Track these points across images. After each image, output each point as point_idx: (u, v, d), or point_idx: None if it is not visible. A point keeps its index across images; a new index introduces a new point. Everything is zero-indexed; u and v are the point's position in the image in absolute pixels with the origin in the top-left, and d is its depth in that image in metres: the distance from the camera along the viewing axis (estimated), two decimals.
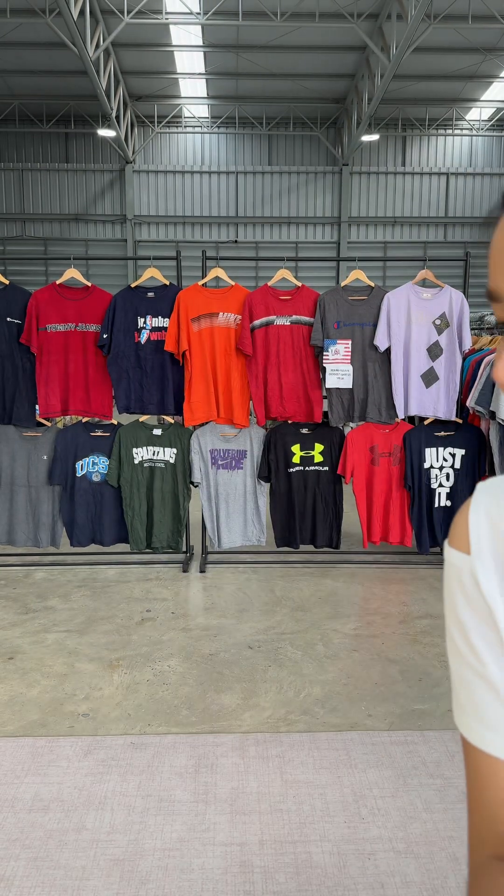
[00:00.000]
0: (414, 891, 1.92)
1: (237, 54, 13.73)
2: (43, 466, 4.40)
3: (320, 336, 4.25)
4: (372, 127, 17.32)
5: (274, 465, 4.43)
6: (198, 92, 16.17)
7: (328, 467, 4.45)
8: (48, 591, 4.27)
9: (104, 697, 2.99)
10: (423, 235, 18.37)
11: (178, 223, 18.14)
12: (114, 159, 18.01)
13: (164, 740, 2.65)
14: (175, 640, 3.56)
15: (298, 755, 2.56)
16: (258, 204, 18.08)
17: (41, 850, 2.08)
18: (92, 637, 3.60)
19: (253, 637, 3.61)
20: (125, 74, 15.11)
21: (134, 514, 4.40)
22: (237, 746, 2.61)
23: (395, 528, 4.47)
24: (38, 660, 3.35)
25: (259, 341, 4.29)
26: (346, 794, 2.34)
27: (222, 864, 2.02)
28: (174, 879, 1.96)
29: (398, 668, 3.27)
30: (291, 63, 14.29)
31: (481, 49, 13.45)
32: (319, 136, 17.74)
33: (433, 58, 13.85)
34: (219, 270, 4.47)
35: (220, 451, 4.43)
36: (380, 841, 2.12)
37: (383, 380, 4.35)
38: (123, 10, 11.54)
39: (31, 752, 2.58)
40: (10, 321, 4.31)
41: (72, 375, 4.34)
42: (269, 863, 2.03)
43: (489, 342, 5.70)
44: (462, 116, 17.67)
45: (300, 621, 3.82)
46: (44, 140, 17.93)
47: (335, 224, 18.21)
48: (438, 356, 4.30)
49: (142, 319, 4.31)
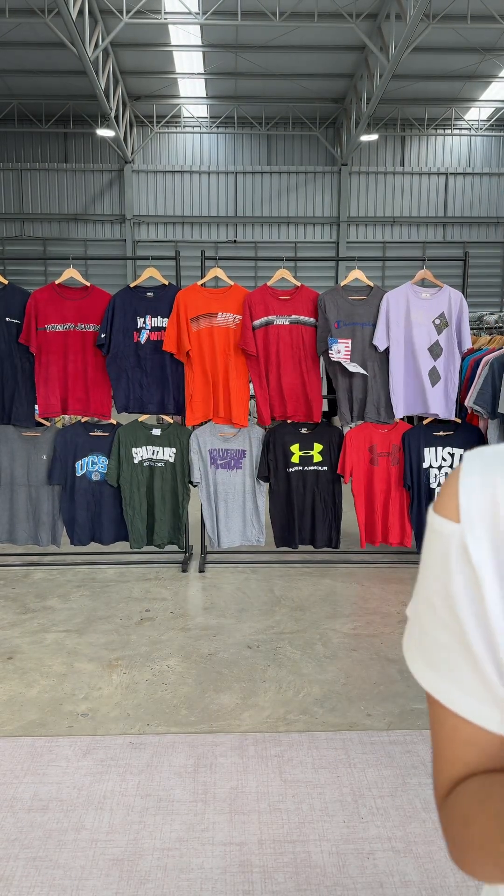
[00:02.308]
0: (413, 890, 1.92)
1: (236, 54, 13.73)
2: (42, 466, 4.40)
3: (323, 340, 4.25)
4: (371, 127, 17.33)
5: (273, 464, 4.43)
6: (197, 92, 16.17)
7: (327, 467, 4.45)
8: (47, 590, 4.27)
9: (103, 697, 2.99)
10: (422, 235, 18.38)
11: (178, 223, 18.14)
12: (113, 159, 18.01)
13: (164, 740, 2.66)
14: (174, 640, 3.56)
15: (297, 755, 2.56)
16: (257, 204, 18.09)
17: (40, 850, 2.08)
18: (91, 637, 3.60)
19: (252, 637, 3.61)
20: (124, 74, 15.11)
21: (134, 512, 4.40)
22: (236, 746, 2.61)
23: (395, 528, 4.47)
24: (38, 659, 3.35)
25: (259, 341, 4.29)
26: (345, 793, 2.34)
27: (221, 863, 2.02)
28: (173, 879, 1.96)
29: (397, 667, 3.27)
30: (290, 63, 14.30)
31: (480, 49, 13.46)
32: (318, 135, 17.75)
33: (432, 58, 13.86)
34: (218, 270, 4.47)
35: (218, 451, 4.44)
36: (379, 840, 2.12)
37: (382, 379, 4.35)
38: (122, 9, 11.54)
39: (31, 752, 2.58)
40: (9, 321, 4.31)
41: (71, 375, 4.34)
42: (269, 862, 2.03)
43: (488, 342, 5.70)
44: (461, 116, 17.68)
45: (299, 621, 3.82)
46: (43, 140, 17.93)
47: (334, 224, 18.22)
48: (439, 355, 4.30)
49: (141, 319, 4.31)
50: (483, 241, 18.44)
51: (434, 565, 0.56)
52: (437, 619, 0.56)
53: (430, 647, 0.57)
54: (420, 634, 0.58)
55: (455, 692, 0.55)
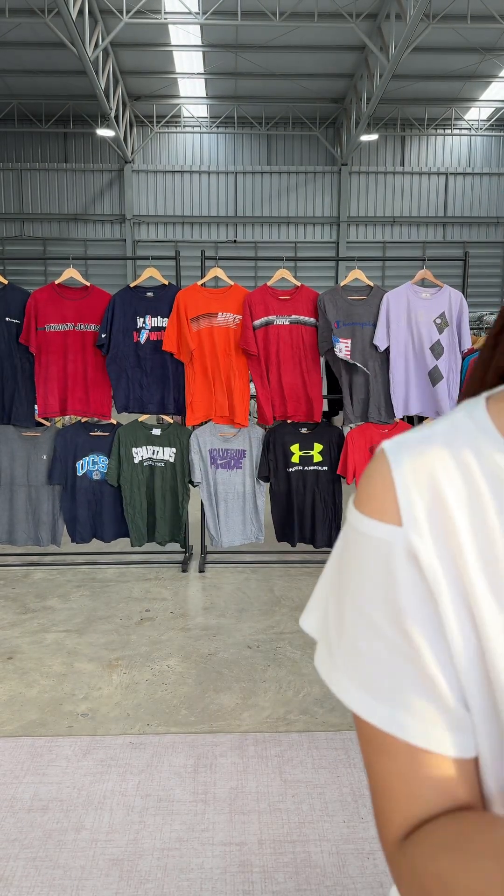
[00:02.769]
0: None
1: (236, 54, 13.73)
2: (42, 466, 4.40)
3: (326, 340, 4.24)
4: (371, 127, 17.34)
5: (273, 464, 4.43)
6: (197, 92, 16.17)
7: (327, 467, 4.45)
8: (47, 590, 4.27)
9: (103, 697, 2.99)
10: (422, 235, 18.38)
11: (177, 223, 18.15)
12: (113, 159, 18.01)
13: (163, 740, 2.65)
14: (174, 640, 3.56)
15: (297, 754, 2.56)
16: (257, 204, 18.09)
17: (40, 850, 2.08)
18: (91, 637, 3.60)
19: (252, 637, 3.61)
20: (124, 74, 15.11)
21: (135, 511, 4.40)
22: (236, 746, 2.61)
23: None
24: (38, 660, 3.35)
25: (259, 341, 4.28)
26: (345, 793, 2.34)
27: (221, 863, 2.02)
28: (173, 879, 1.96)
29: None
30: (290, 63, 14.29)
31: (480, 49, 13.46)
32: (318, 135, 17.75)
33: (432, 57, 13.86)
34: (218, 270, 4.47)
35: (218, 451, 4.44)
36: (379, 840, 2.11)
37: (383, 379, 4.35)
38: (122, 9, 11.54)
39: (30, 752, 2.58)
40: (8, 321, 4.31)
41: (71, 375, 4.34)
42: (269, 862, 2.03)
43: None
44: (461, 116, 17.68)
45: (299, 621, 3.81)
46: (43, 140, 17.93)
47: (334, 224, 18.22)
48: (440, 355, 4.30)
49: (141, 319, 4.31)
50: (483, 241, 18.45)
51: (370, 575, 0.48)
52: (376, 636, 0.48)
53: (366, 669, 0.49)
54: (349, 654, 0.50)
55: (405, 718, 0.48)
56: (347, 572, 0.51)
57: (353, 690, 0.50)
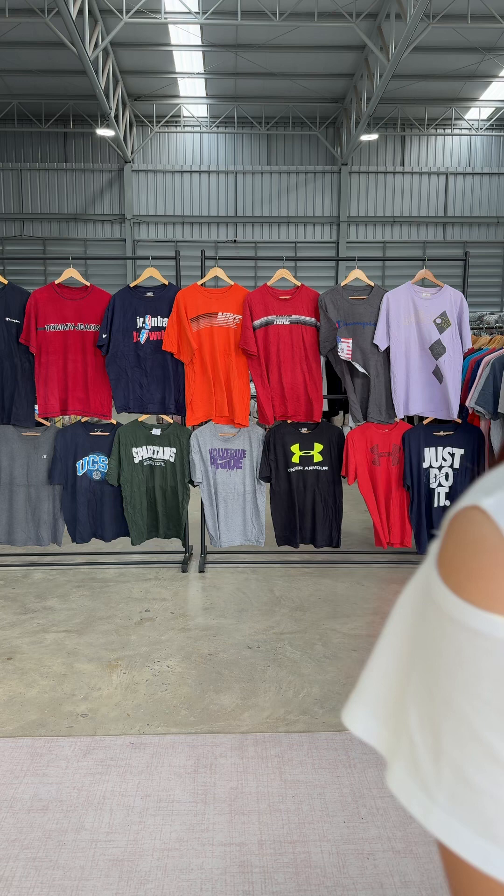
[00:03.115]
0: (413, 891, 1.92)
1: (236, 54, 13.72)
2: (42, 466, 4.40)
3: (330, 339, 4.24)
4: (371, 126, 17.34)
5: (273, 464, 4.43)
6: (197, 91, 16.17)
7: (327, 467, 4.45)
8: (47, 590, 4.27)
9: (103, 697, 2.99)
10: (423, 235, 18.38)
11: (177, 223, 18.14)
12: (112, 159, 18.01)
13: (163, 740, 2.65)
14: (174, 640, 3.56)
15: (297, 755, 2.56)
16: (257, 204, 18.08)
17: (40, 851, 2.08)
18: (91, 637, 3.60)
19: (252, 637, 3.61)
20: (124, 74, 15.11)
21: (135, 511, 4.40)
22: (236, 746, 2.61)
23: (396, 528, 4.47)
24: (37, 660, 3.35)
25: (259, 341, 4.28)
26: (345, 793, 2.34)
27: (221, 864, 2.02)
28: (173, 879, 1.96)
29: None
30: (290, 62, 14.29)
31: (480, 48, 13.45)
32: (318, 135, 17.75)
33: (432, 57, 13.86)
34: (218, 270, 4.47)
35: (218, 451, 4.43)
36: (379, 841, 2.11)
37: (384, 379, 4.35)
38: (122, 9, 11.54)
39: (30, 753, 2.58)
40: (8, 321, 4.31)
41: (71, 375, 4.34)
42: (269, 863, 2.02)
43: (488, 342, 5.70)
44: (461, 116, 17.68)
45: (299, 621, 3.82)
46: (42, 140, 17.93)
47: (334, 224, 18.21)
48: (441, 355, 4.30)
49: (141, 319, 4.31)
50: (483, 240, 18.44)
51: (488, 688, 0.38)
52: (498, 768, 0.37)
53: (485, 809, 0.38)
54: (457, 788, 0.39)
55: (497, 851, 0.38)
56: (446, 678, 0.39)
57: (464, 833, 0.38)
